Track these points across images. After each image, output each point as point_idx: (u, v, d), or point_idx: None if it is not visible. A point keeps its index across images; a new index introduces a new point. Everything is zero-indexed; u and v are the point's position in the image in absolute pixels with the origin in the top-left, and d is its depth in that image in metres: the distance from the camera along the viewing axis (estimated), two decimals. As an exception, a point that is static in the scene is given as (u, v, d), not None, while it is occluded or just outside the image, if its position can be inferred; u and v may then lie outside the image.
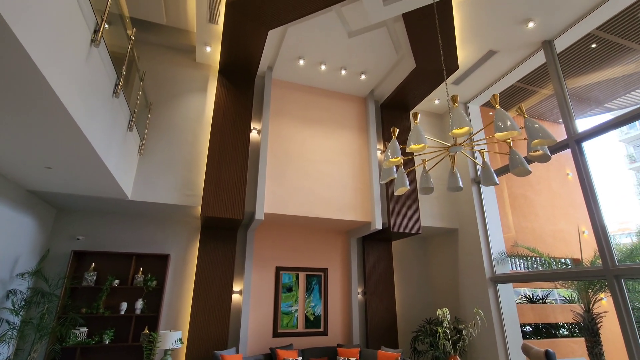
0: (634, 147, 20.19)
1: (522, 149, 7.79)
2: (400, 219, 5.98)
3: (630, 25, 5.06)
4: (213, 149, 5.24)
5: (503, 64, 5.73)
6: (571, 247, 8.20)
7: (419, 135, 2.36)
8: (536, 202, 8.44)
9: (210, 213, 4.92)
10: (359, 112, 6.61)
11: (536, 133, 2.22)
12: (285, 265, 6.31)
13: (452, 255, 6.80)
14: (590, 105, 7.28)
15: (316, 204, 5.68)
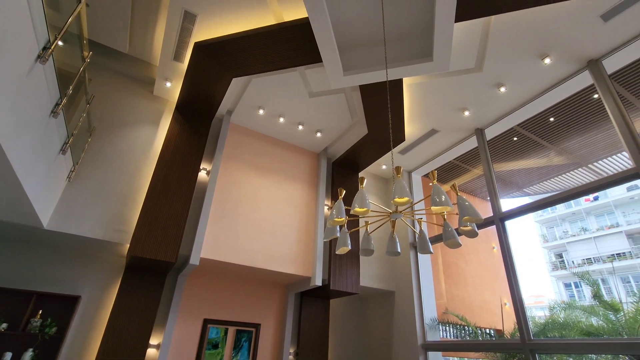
0: (547, 228, 22.90)
1: (456, 221, 8.45)
2: (340, 277, 5.96)
3: (543, 127, 6.04)
4: (155, 184, 4.95)
5: (443, 142, 6.40)
6: (495, 318, 8.67)
7: (363, 199, 2.47)
8: (466, 271, 8.98)
9: (138, 253, 4.49)
10: (311, 167, 6.80)
11: (466, 210, 2.44)
12: (215, 318, 5.82)
13: (387, 318, 6.81)
14: (512, 188, 8.28)
15: (258, 254, 5.48)
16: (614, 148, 6.58)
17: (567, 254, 21.18)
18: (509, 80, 4.91)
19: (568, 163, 7.20)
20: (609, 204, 19.96)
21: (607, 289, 17.57)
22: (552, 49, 4.42)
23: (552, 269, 21.60)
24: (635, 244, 18.33)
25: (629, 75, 4.86)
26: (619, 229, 19.01)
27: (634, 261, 17.61)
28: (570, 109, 5.55)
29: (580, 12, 3.94)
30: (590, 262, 19.33)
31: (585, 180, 7.81)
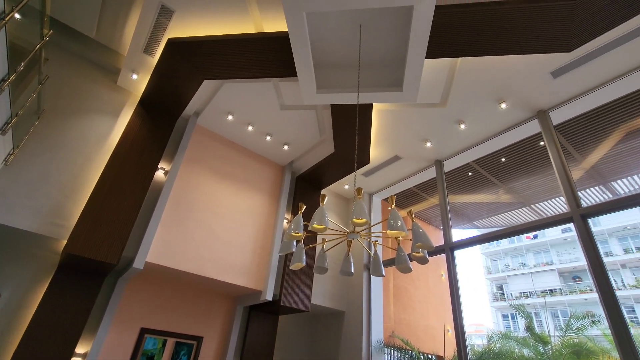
0: (491, 260, 24.31)
1: (409, 247, 8.71)
2: (292, 294, 5.86)
3: (495, 166, 6.49)
4: (105, 179, 4.64)
5: (404, 170, 6.65)
6: (437, 344, 8.93)
7: (322, 216, 2.48)
8: (415, 296, 9.22)
9: (76, 250, 4.13)
10: (274, 179, 6.74)
11: (419, 237, 2.53)
12: (154, 328, 5.45)
13: (335, 338, 6.77)
14: (463, 219, 8.74)
15: (208, 262, 5.27)
16: (554, 193, 7.21)
17: (507, 286, 22.53)
18: (469, 119, 5.26)
19: (514, 202, 7.77)
20: (545, 243, 21.67)
21: (539, 322, 18.82)
22: (508, 96, 4.81)
23: (493, 300, 22.83)
24: (565, 281, 19.96)
25: (571, 127, 5.40)
26: (552, 266, 20.63)
27: (563, 297, 19.11)
28: (519, 152, 6.03)
29: (534, 67, 4.35)
30: (527, 296, 20.69)
31: (527, 219, 8.45)
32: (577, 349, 7.12)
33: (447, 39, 3.79)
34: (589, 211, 4.16)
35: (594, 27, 3.58)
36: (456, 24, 3.64)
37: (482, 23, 3.61)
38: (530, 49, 3.83)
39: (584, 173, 6.48)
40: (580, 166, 6.27)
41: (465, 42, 3.83)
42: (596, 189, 7.05)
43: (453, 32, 3.71)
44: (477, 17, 3.56)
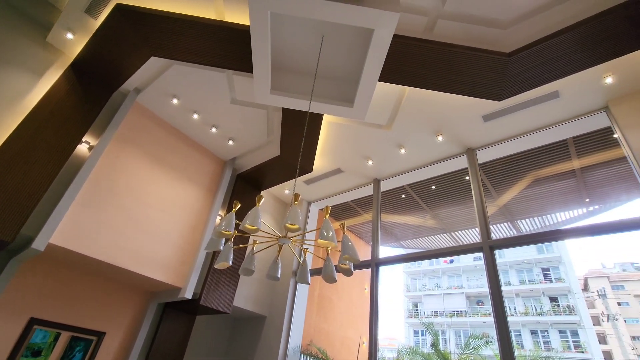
0: (411, 279, 25.99)
1: (337, 258, 8.95)
2: (214, 294, 5.63)
3: (426, 192, 7.01)
4: (12, 142, 4.05)
5: (344, 183, 6.86)
6: (352, 355, 9.21)
7: (255, 217, 2.44)
8: (337, 307, 9.45)
9: (-41, 221, 3.51)
10: (214, 173, 6.48)
11: (347, 250, 2.61)
12: (46, 319, 4.81)
13: (253, 342, 6.63)
14: (392, 238, 9.25)
15: (125, 252, 4.84)
16: (471, 224, 8.00)
17: (422, 304, 24.23)
18: (409, 145, 5.63)
19: (437, 227, 8.44)
20: (459, 268, 23.83)
21: (444, 340, 20.48)
22: (444, 131, 5.27)
23: (408, 316, 24.35)
24: (471, 304, 22.08)
25: (492, 167, 6.07)
26: (462, 290, 22.72)
27: (467, 319, 21.10)
28: (447, 183, 6.60)
29: (469, 109, 4.83)
30: (437, 315, 22.44)
31: (446, 245, 9.23)
32: (471, 367, 7.87)
33: (399, 67, 4.04)
34: (497, 243, 4.69)
35: (522, 84, 4.10)
36: (410, 55, 3.91)
37: (431, 59, 3.93)
38: (467, 91, 4.25)
39: (497, 209, 7.30)
40: (495, 203, 7.06)
41: (415, 74, 4.12)
42: (504, 225, 7.98)
43: (406, 61, 3.98)
44: (428, 53, 3.86)
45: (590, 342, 17.14)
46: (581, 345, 17.31)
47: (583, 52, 3.67)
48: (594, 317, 21.59)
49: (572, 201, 6.83)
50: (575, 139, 5.21)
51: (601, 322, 22.39)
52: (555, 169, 5.95)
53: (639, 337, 24.78)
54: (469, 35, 3.83)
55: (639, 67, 3.98)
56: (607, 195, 6.54)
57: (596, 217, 7.26)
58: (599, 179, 6.07)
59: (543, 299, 19.73)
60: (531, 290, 20.23)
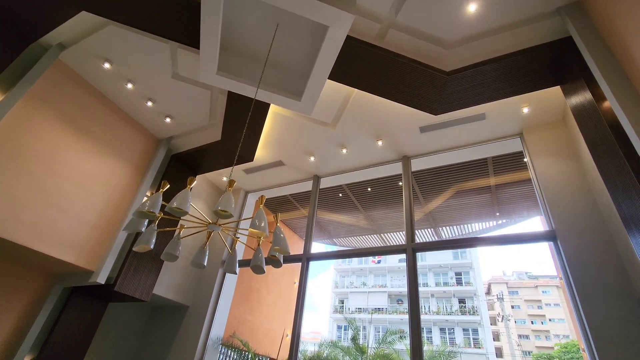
0: (340, 276, 26.92)
1: (268, 251, 8.91)
2: (132, 280, 5.22)
3: (362, 194, 7.30)
4: None
5: (285, 176, 6.84)
6: (274, 347, 9.26)
7: (184, 200, 2.32)
8: (265, 299, 9.40)
9: None
10: (145, 150, 5.99)
11: (279, 242, 2.61)
12: None
13: (170, 334, 6.29)
14: (325, 235, 9.47)
15: (28, 227, 4.24)
16: (399, 227, 8.53)
17: (348, 301, 25.23)
18: (351, 146, 5.80)
19: (368, 228, 8.85)
20: (385, 268, 25.30)
21: (364, 335, 21.58)
22: (384, 136, 5.53)
23: (333, 312, 25.18)
24: (391, 302, 23.59)
25: (423, 176, 6.53)
26: (385, 289, 24.16)
27: (387, 316, 22.51)
28: (382, 186, 6.95)
29: (409, 119, 5.13)
30: (360, 311, 23.55)
31: (375, 245, 9.72)
32: (384, 359, 8.43)
33: (349, 68, 4.14)
34: (419, 246, 5.06)
35: (456, 102, 4.47)
36: (360, 58, 4.02)
37: (380, 65, 4.09)
38: (408, 102, 4.51)
39: (423, 215, 7.90)
40: (422, 209, 7.62)
41: (363, 77, 4.25)
42: (428, 230, 8.66)
43: (355, 64, 4.09)
44: (376, 58, 4.01)
45: (486, 340, 19.48)
46: (479, 342, 19.57)
47: (508, 80, 4.12)
48: (492, 317, 24.58)
49: (485, 214, 7.66)
50: (494, 159, 5.84)
51: (497, 322, 25.53)
52: (475, 183, 6.61)
53: (524, 335, 28.78)
54: (416, 49, 4.06)
55: (550, 102, 4.60)
56: (513, 211, 7.46)
57: (503, 230, 8.25)
58: (509, 196, 6.90)
59: (453, 300, 21.88)
60: (444, 292, 22.29)
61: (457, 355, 10.07)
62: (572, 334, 26.10)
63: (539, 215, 7.46)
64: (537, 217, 7.63)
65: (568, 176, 4.41)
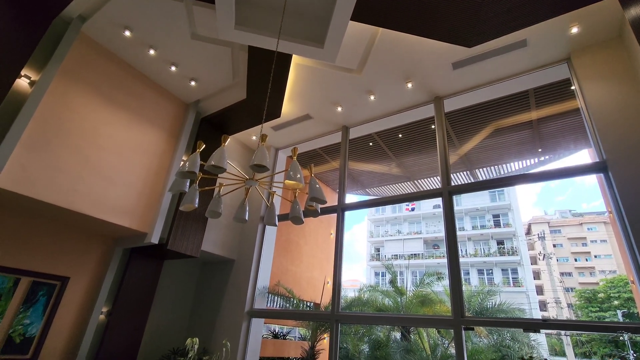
0: (374, 226, 27.46)
1: (304, 202, 9.16)
2: (181, 239, 5.64)
3: (393, 140, 7.14)
4: None
5: (313, 130, 6.79)
6: (317, 293, 9.88)
7: (221, 157, 2.38)
8: (304, 250, 9.88)
9: None
10: (176, 116, 6.13)
11: (315, 192, 2.66)
12: (2, 265, 4.63)
13: (221, 285, 6.86)
14: (357, 186, 9.52)
15: (85, 198, 4.62)
16: (433, 172, 8.36)
17: (383, 249, 25.94)
18: (379, 91, 5.58)
19: (401, 175, 8.76)
20: (419, 215, 25.39)
21: (402, 280, 22.38)
22: (414, 78, 5.23)
23: (370, 260, 26.11)
24: (427, 248, 23.97)
25: (457, 117, 6.22)
26: (420, 235, 24.45)
27: (423, 261, 23.02)
28: (414, 131, 6.73)
29: (440, 56, 4.79)
30: (397, 258, 24.22)
31: (409, 192, 9.67)
32: (422, 299, 8.77)
33: (372, 5, 3.84)
34: (455, 189, 4.98)
35: (492, 29, 4.07)
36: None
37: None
38: (438, 35, 4.16)
39: (458, 158, 7.65)
40: (456, 152, 7.37)
41: (388, 13, 3.94)
42: (463, 173, 8.43)
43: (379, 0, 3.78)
44: (403, -9, 3.67)
45: (526, 278, 19.54)
46: (519, 281, 19.70)
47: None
48: (532, 257, 24.36)
49: (526, 151, 7.27)
50: (536, 90, 5.40)
51: (537, 261, 25.33)
52: (514, 119, 6.21)
53: (567, 273, 28.49)
54: (445, -27, 3.66)
55: (603, 17, 4.06)
56: (557, 146, 7.01)
57: (546, 166, 7.85)
58: (552, 130, 6.45)
59: (491, 242, 21.81)
60: (481, 235, 22.20)
61: (497, 294, 10.25)
62: (619, 269, 25.49)
63: (587, 148, 6.98)
64: (584, 150, 7.13)
65: (623, 101, 4.00)
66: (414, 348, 7.85)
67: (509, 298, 9.40)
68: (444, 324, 5.82)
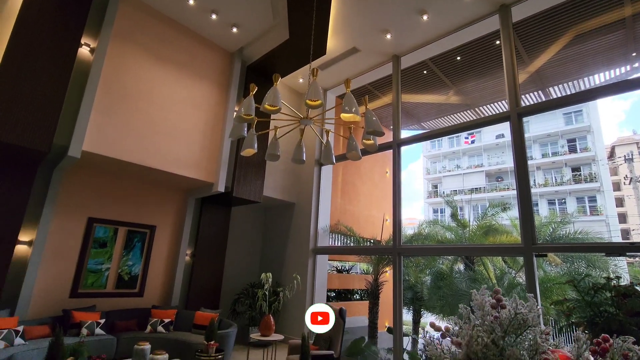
0: (431, 163, 26.53)
1: (360, 138, 9.03)
2: (244, 186, 6.00)
3: (450, 65, 6.49)
4: (13, 52, 3.89)
5: (361, 64, 6.41)
6: (376, 230, 10.14)
7: (275, 96, 2.36)
8: (361, 190, 9.99)
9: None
10: (223, 67, 6.17)
11: (372, 124, 2.56)
12: (102, 217, 5.40)
13: (285, 227, 7.32)
14: (412, 120, 9.06)
15: (154, 154, 5.04)
16: (497, 96, 7.57)
17: (441, 185, 25.23)
18: (432, 9, 4.97)
19: (461, 104, 8.09)
20: (480, 147, 23.82)
21: (462, 215, 21.90)
22: (475, -15, 4.52)
23: (427, 197, 25.71)
24: (490, 181, 22.78)
25: (526, 28, 5.39)
26: (482, 168, 23.16)
27: (485, 195, 22.06)
28: (475, 51, 6.01)
29: (507, -49, 4.02)
30: (456, 193, 23.50)
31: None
32: (487, 230, 8.54)
33: None
34: (526, 110, 4.48)
35: None
36: None
37: None
38: None
39: (528, 77, 6.77)
40: (527, 69, 6.50)
41: None
42: (534, 94, 7.52)
43: None
44: None
45: (607, 205, 17.84)
46: (597, 209, 18.11)
47: None
48: (615, 183, 21.93)
49: (615, 58, 6.16)
50: (633, -22, 4.38)
51: (621, 187, 22.82)
52: (600, 20, 5.19)
53: (656, 197, 25.45)
54: None
55: None
56: (658, 47, 5.82)
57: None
58: (653, 27, 5.31)
59: (565, 170, 19.94)
60: (553, 163, 20.31)
61: (570, 224, 9.60)
62: None
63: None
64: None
65: None
66: (479, 278, 7.87)
67: (585, 227, 8.75)
68: (514, 252, 5.65)
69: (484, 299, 1.68)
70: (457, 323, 1.69)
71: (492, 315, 1.60)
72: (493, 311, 1.62)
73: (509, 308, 1.59)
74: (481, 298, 1.68)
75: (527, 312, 1.55)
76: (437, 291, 8.48)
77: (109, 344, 4.45)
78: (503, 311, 1.59)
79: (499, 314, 1.59)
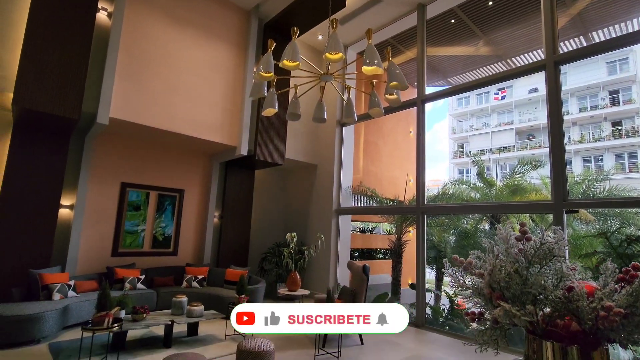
0: (457, 122, 25.50)
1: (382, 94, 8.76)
2: (267, 148, 6.04)
3: (480, 12, 5.99)
4: (35, 21, 3.93)
5: (383, 16, 6.03)
6: (399, 191, 10.10)
7: (294, 52, 2.29)
8: (383, 150, 9.84)
9: (29, 104, 3.81)
10: (240, 27, 6.00)
11: (395, 77, 2.45)
12: (134, 182, 5.66)
13: (307, 188, 7.42)
14: (438, 75, 8.60)
15: (178, 119, 5.12)
16: (533, 45, 6.99)
17: (468, 145, 24.37)
18: (462, -52, 4.51)
19: (491, 55, 7.56)
20: (510, 104, 22.52)
21: (489, 174, 21.29)
22: None
23: (453, 157, 25.02)
24: (520, 139, 21.76)
25: (569, -37, 4.82)
26: (512, 126, 22.05)
27: (514, 153, 21.19)
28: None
29: None
30: (483, 153, 22.71)
31: (500, 75, 8.42)
32: (514, 188, 8.30)
33: None
34: (563, 57, 4.13)
35: None
36: None
37: None
38: None
39: (568, 20, 6.16)
40: (568, 12, 5.91)
41: None
42: (574, 41, 6.88)
43: None
44: None
45: (648, 161, 16.76)
46: (637, 166, 17.06)
47: None
48: (659, 137, 20.36)
49: (672, -6, 5.45)
50: None
51: (666, 142, 21.21)
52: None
53: None
54: None
55: None
56: None
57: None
58: None
59: (604, 125, 18.64)
60: (591, 117, 18.98)
61: (606, 181, 9.14)
62: None
63: None
64: None
65: None
66: (504, 236, 7.75)
67: (622, 184, 8.30)
68: (543, 209, 5.47)
69: (509, 233, 1.67)
70: (480, 257, 1.70)
71: (517, 248, 1.60)
72: (518, 244, 1.61)
73: (535, 239, 1.57)
74: (506, 232, 1.67)
75: (554, 242, 1.53)
76: (461, 250, 8.49)
77: (149, 297, 4.84)
78: (528, 243, 1.58)
79: (524, 247, 1.58)
